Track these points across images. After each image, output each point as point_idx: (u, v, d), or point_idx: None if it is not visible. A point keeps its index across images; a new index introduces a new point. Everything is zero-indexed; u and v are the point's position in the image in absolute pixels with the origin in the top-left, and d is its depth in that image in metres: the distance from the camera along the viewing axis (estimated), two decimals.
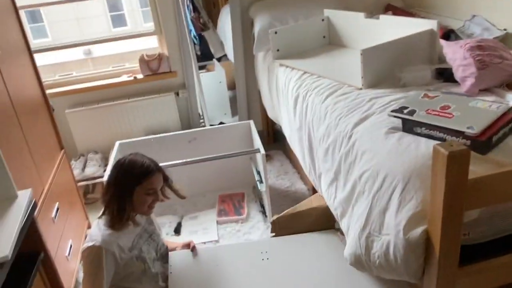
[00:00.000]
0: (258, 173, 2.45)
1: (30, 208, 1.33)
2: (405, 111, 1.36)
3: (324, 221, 1.84)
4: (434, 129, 1.27)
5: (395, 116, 1.38)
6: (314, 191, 2.62)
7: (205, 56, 3.86)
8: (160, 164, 1.84)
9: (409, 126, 1.34)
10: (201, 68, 3.73)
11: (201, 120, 3.27)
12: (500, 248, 1.23)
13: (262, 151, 2.27)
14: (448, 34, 2.14)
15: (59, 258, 1.90)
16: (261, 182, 2.36)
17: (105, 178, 1.65)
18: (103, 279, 1.43)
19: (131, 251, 1.56)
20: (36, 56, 2.23)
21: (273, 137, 3.39)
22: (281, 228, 1.86)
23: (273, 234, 1.88)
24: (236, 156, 2.32)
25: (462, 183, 1.02)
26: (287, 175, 2.88)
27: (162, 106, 2.99)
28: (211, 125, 3.08)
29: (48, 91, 2.66)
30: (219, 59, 3.73)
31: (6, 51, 1.80)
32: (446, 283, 1.14)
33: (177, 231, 2.40)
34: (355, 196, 1.41)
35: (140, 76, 3.02)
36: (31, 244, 1.41)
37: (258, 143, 2.38)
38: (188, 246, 1.81)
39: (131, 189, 1.52)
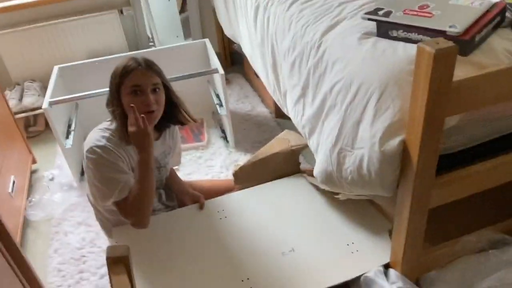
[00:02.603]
0: (217, 96, 2.29)
1: None
2: (380, 12, 1.22)
3: (289, 166, 1.70)
4: (412, 31, 1.15)
5: (369, 19, 1.23)
6: (277, 113, 2.51)
7: None
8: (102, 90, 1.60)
9: (384, 30, 1.21)
10: None
11: (151, 43, 3.00)
12: (472, 157, 1.19)
13: (221, 71, 2.09)
14: None
15: (1, 195, 1.72)
16: (221, 105, 2.22)
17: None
18: (121, 177, 1.29)
19: (133, 171, 1.37)
20: None
21: (231, 60, 3.19)
22: (244, 178, 1.69)
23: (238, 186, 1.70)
24: (192, 78, 2.12)
25: (446, 86, 0.93)
26: (248, 98, 2.75)
27: (104, 26, 2.66)
28: None
29: None
30: None
31: None
32: (422, 194, 1.09)
33: None
34: (326, 111, 1.31)
35: None
36: None
37: (216, 63, 2.19)
38: (197, 199, 1.60)
39: (117, 91, 1.33)
